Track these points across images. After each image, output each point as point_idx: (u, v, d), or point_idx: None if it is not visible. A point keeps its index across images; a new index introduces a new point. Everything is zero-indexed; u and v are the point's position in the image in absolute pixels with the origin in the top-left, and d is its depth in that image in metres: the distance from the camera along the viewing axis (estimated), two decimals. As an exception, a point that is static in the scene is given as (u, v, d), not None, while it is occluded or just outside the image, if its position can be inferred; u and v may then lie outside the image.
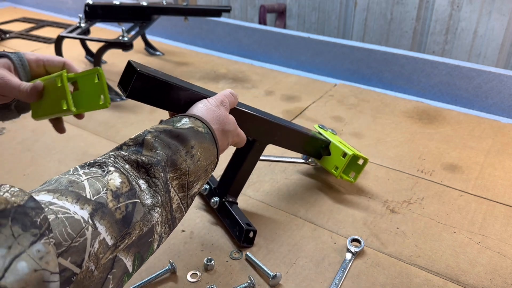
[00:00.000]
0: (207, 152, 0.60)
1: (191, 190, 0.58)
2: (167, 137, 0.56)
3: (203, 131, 0.60)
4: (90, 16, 1.49)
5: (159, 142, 0.55)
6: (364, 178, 0.97)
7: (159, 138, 0.55)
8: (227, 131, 0.66)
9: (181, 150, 0.56)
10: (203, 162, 0.59)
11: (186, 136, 0.57)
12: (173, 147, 0.55)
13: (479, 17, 2.00)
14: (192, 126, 0.59)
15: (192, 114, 0.62)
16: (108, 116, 1.25)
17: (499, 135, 1.15)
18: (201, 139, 0.59)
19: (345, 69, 1.54)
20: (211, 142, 0.61)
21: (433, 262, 0.75)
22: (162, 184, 0.52)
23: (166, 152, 0.54)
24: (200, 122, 0.61)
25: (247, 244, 0.78)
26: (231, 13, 2.66)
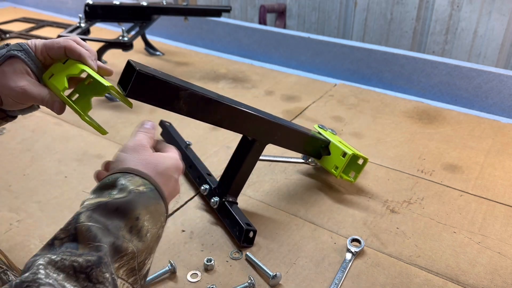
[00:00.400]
0: (155, 216, 0.50)
1: (143, 269, 0.49)
2: (103, 215, 0.46)
3: (145, 189, 0.50)
4: (90, 16, 1.49)
5: (96, 228, 0.45)
6: (364, 178, 0.97)
7: (94, 219, 0.45)
8: (167, 174, 0.56)
9: (122, 228, 0.46)
10: (153, 231, 0.49)
11: (127, 206, 0.48)
12: (113, 229, 0.45)
13: (479, 17, 2.00)
14: (132, 188, 0.49)
15: (126, 169, 0.52)
16: (108, 116, 1.25)
17: (499, 135, 1.15)
18: (146, 202, 0.49)
19: (345, 69, 1.54)
20: (157, 200, 0.51)
21: (433, 262, 0.75)
22: (110, 286, 0.43)
23: (107, 241, 0.44)
24: (139, 179, 0.51)
25: (247, 244, 0.78)
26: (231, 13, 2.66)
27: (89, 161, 1.03)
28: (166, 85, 0.65)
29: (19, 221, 0.84)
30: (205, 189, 0.87)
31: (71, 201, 0.89)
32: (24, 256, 0.74)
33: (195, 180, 0.93)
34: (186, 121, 1.17)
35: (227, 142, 1.11)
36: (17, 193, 0.91)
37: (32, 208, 0.87)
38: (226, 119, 0.75)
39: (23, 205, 0.88)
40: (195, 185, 0.93)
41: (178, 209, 0.88)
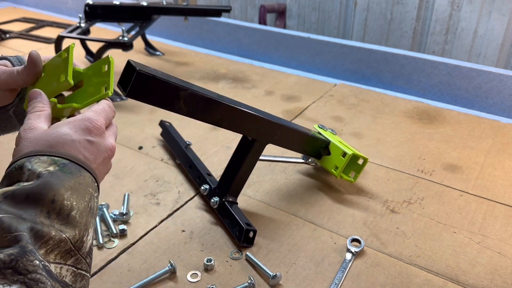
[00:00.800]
0: (78, 190, 0.46)
1: (83, 247, 0.45)
2: (12, 206, 0.42)
3: (57, 168, 0.45)
4: (90, 16, 1.49)
5: (8, 218, 0.40)
6: (364, 178, 0.97)
7: (3, 211, 0.41)
8: (102, 160, 0.52)
9: (39, 214, 0.42)
10: (80, 206, 0.45)
11: (38, 191, 0.43)
12: (28, 217, 0.41)
13: (479, 17, 2.00)
14: (41, 170, 0.44)
15: (31, 152, 0.47)
16: (108, 116, 1.25)
17: (499, 135, 1.15)
18: (61, 181, 0.44)
19: (345, 69, 1.54)
20: (76, 173, 0.46)
21: (433, 262, 0.75)
22: (44, 273, 0.40)
23: (24, 228, 0.40)
24: (47, 158, 0.46)
25: (247, 244, 0.78)
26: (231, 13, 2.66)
27: (89, 161, 1.03)
28: (166, 85, 0.65)
29: (19, 221, 0.84)
30: (205, 189, 0.87)
31: (71, 201, 0.89)
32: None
33: (195, 180, 0.93)
34: (186, 121, 1.17)
35: (227, 142, 1.11)
36: (17, 193, 0.91)
37: (32, 208, 0.87)
38: (226, 119, 0.75)
39: (23, 205, 0.88)
40: (195, 185, 0.93)
41: (178, 209, 0.88)
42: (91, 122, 0.52)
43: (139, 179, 0.97)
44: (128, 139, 1.12)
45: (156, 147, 1.09)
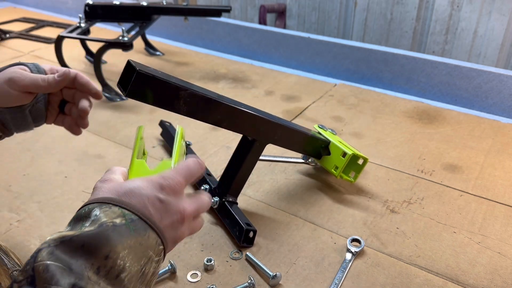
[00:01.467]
0: (136, 251, 0.43)
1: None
2: (66, 253, 0.40)
3: (123, 221, 0.44)
4: (90, 16, 1.49)
5: (55, 267, 0.39)
6: (364, 178, 0.97)
7: (54, 257, 0.40)
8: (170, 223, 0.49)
9: (89, 269, 0.40)
10: (134, 269, 0.43)
11: (95, 243, 0.41)
12: (76, 269, 0.40)
13: (479, 17, 2.00)
14: (105, 221, 0.43)
15: (104, 198, 0.46)
16: (108, 116, 1.25)
17: (499, 135, 1.15)
18: (121, 237, 0.43)
19: (345, 69, 1.54)
20: (141, 232, 0.44)
21: (433, 262, 0.75)
22: None
23: (66, 282, 0.39)
24: (117, 209, 0.44)
25: (247, 244, 0.78)
26: (231, 13, 2.66)
27: (89, 161, 1.03)
28: (166, 85, 0.65)
29: (19, 221, 0.84)
30: (205, 189, 0.87)
31: (71, 201, 0.89)
32: (24, 256, 0.74)
33: None
34: (186, 121, 1.17)
35: (227, 142, 1.11)
36: (17, 193, 0.91)
37: (32, 208, 0.87)
38: (226, 119, 0.75)
39: (23, 205, 0.88)
40: (195, 185, 0.93)
41: (178, 209, 0.87)
42: (166, 179, 0.49)
43: (139, 179, 0.97)
44: (128, 139, 1.12)
45: (156, 147, 1.09)
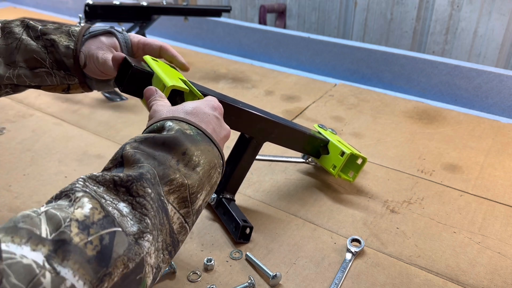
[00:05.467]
0: (207, 155, 0.51)
1: (195, 203, 0.49)
2: (149, 147, 0.48)
3: (191, 133, 0.52)
4: (90, 16, 1.49)
5: (141, 153, 0.46)
6: (364, 178, 0.97)
7: (140, 149, 0.47)
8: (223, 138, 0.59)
9: (170, 159, 0.47)
10: (205, 167, 0.50)
11: (174, 141, 0.49)
12: (159, 157, 0.47)
13: (479, 17, 2.00)
14: (179, 128, 0.51)
15: (174, 116, 0.54)
16: (108, 116, 1.25)
17: (499, 135, 1.15)
18: (194, 141, 0.51)
19: (345, 69, 1.54)
20: (207, 143, 0.52)
21: (433, 262, 0.75)
22: (152, 203, 0.43)
23: (151, 163, 0.46)
24: (186, 124, 0.52)
25: (243, 240, 0.78)
26: (231, 13, 2.66)
27: (89, 161, 1.03)
28: None
29: (19, 221, 0.84)
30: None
31: (71, 201, 0.89)
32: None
33: None
34: (186, 121, 1.17)
35: (227, 142, 1.11)
36: (17, 193, 0.91)
37: (32, 208, 0.87)
38: None
39: (23, 205, 0.88)
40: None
41: (178, 209, 0.88)
42: (216, 102, 0.61)
43: (139, 179, 0.97)
44: (128, 139, 1.12)
45: (156, 147, 1.09)
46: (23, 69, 0.67)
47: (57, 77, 0.69)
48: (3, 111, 1.26)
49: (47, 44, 0.67)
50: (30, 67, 0.67)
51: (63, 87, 0.71)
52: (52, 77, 0.69)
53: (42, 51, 0.67)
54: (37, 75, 0.68)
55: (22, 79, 0.68)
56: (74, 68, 0.68)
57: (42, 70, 0.68)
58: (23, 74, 0.68)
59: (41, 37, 0.67)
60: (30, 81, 0.69)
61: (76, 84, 0.70)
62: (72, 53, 0.67)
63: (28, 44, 0.67)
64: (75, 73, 0.69)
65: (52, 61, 0.67)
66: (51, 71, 0.68)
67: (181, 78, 0.66)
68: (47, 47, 0.67)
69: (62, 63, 0.67)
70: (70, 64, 0.67)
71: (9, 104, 1.30)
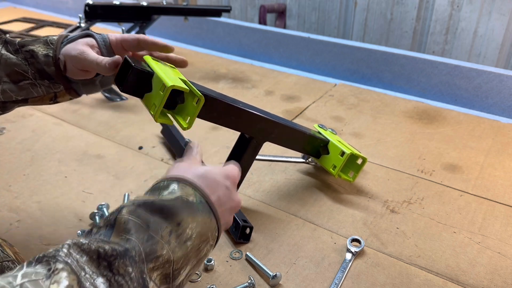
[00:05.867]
0: (202, 228, 0.50)
1: (176, 279, 0.48)
2: (147, 212, 0.47)
3: (194, 200, 0.51)
4: (90, 16, 1.49)
5: (134, 222, 0.45)
6: (364, 178, 0.97)
7: (136, 214, 0.46)
8: (229, 209, 0.57)
9: (163, 228, 0.46)
10: (195, 241, 0.49)
11: (172, 209, 0.48)
12: (153, 226, 0.46)
13: (479, 17, 2.00)
14: (181, 195, 0.50)
15: (183, 177, 0.53)
16: (108, 116, 1.25)
17: (499, 135, 1.15)
18: (192, 211, 0.50)
19: (345, 69, 1.54)
20: (206, 214, 0.51)
21: (433, 262, 0.75)
22: (130, 283, 0.42)
23: (140, 237, 0.44)
24: (191, 189, 0.52)
25: (243, 240, 0.78)
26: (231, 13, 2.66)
27: (89, 161, 1.03)
28: None
29: (19, 221, 0.84)
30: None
31: (71, 201, 0.89)
32: (24, 256, 0.74)
33: None
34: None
35: (227, 142, 1.11)
36: (17, 193, 0.91)
37: (32, 208, 0.87)
38: (221, 116, 0.74)
39: (23, 205, 0.88)
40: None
41: (178, 209, 0.87)
42: (231, 170, 0.60)
43: (139, 179, 0.97)
44: (128, 139, 1.12)
45: (156, 147, 1.09)
46: (7, 84, 0.67)
47: (42, 87, 0.68)
48: (3, 111, 1.26)
49: (27, 55, 0.67)
50: (14, 81, 0.67)
51: (50, 96, 0.70)
52: (37, 88, 0.68)
53: (23, 63, 0.67)
54: (22, 88, 0.68)
55: (8, 94, 0.68)
56: (56, 75, 0.67)
57: (26, 83, 0.68)
58: (8, 89, 0.67)
59: (20, 49, 0.67)
60: (16, 95, 0.68)
61: (62, 91, 0.70)
62: (52, 61, 0.66)
63: (8, 58, 0.66)
64: (58, 80, 0.68)
65: (34, 71, 0.67)
66: (35, 82, 0.68)
67: (181, 78, 0.66)
68: (27, 58, 0.67)
69: (44, 72, 0.67)
70: (52, 72, 0.67)
71: (9, 104, 1.30)
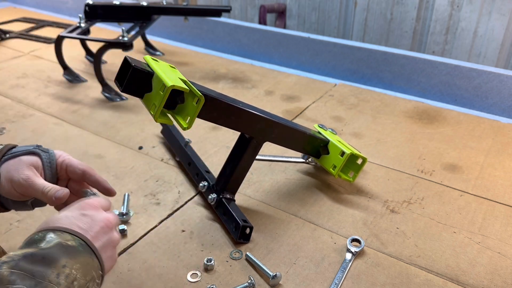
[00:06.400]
0: (84, 268, 0.50)
1: None
2: (28, 264, 0.46)
3: (74, 244, 0.51)
4: (90, 16, 1.49)
5: (18, 274, 0.45)
6: (364, 178, 0.97)
7: (18, 268, 0.45)
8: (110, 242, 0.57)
9: (49, 274, 0.47)
10: (81, 281, 0.49)
11: (53, 256, 0.48)
12: (38, 275, 0.46)
13: (479, 17, 2.00)
14: (60, 241, 0.50)
15: (56, 226, 0.53)
16: (108, 116, 1.25)
17: (499, 135, 1.15)
18: (74, 254, 0.50)
19: (345, 69, 1.54)
20: (88, 254, 0.52)
21: (433, 262, 0.75)
22: None
23: (27, 284, 0.45)
24: (68, 235, 0.52)
25: (243, 240, 0.78)
26: (231, 13, 2.66)
27: (89, 161, 1.03)
28: None
29: (19, 221, 0.84)
30: (204, 186, 0.87)
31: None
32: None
33: (193, 177, 0.93)
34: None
35: (227, 142, 1.11)
36: (17, 193, 0.91)
37: (32, 208, 0.87)
38: (222, 116, 0.74)
39: (23, 205, 0.88)
40: (195, 185, 0.93)
41: (178, 209, 0.88)
42: (84, 202, 0.59)
43: (139, 179, 0.97)
44: (128, 139, 1.12)
45: (156, 147, 1.09)
46: None
47: None
48: (3, 111, 1.26)
49: None
50: None
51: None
52: None
53: None
54: None
55: None
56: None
57: None
58: None
59: None
60: None
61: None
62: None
63: None
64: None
65: None
66: None
67: (181, 78, 0.66)
68: None
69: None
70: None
71: (9, 104, 1.30)
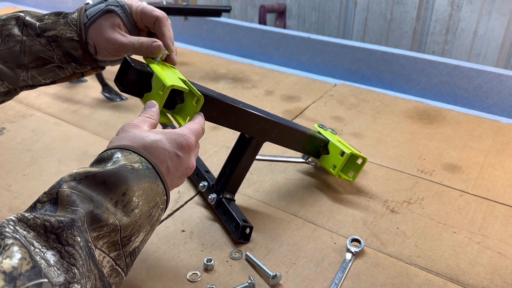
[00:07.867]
0: (148, 194, 0.50)
1: (128, 245, 0.48)
2: (89, 186, 0.47)
3: (140, 167, 0.50)
4: (90, 16, 1.49)
5: (77, 195, 0.45)
6: (364, 178, 0.97)
7: (77, 190, 0.46)
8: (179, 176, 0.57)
9: (107, 201, 0.46)
10: (144, 208, 0.49)
11: (116, 180, 0.47)
12: (96, 199, 0.46)
13: (479, 17, 2.00)
14: (125, 163, 0.49)
15: (126, 145, 0.52)
16: (108, 116, 1.25)
17: (499, 135, 1.15)
18: (138, 179, 0.49)
19: (345, 69, 1.54)
20: (153, 179, 0.51)
21: (433, 262, 0.75)
22: (80, 251, 0.42)
23: (86, 207, 0.45)
24: (137, 156, 0.51)
25: (243, 240, 0.78)
26: (231, 13, 2.66)
27: (89, 161, 1.03)
28: None
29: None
30: (203, 186, 0.87)
31: (71, 201, 0.89)
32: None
33: (193, 177, 0.93)
34: (186, 121, 1.17)
35: (227, 142, 1.11)
36: (17, 193, 0.91)
37: None
38: (222, 116, 0.74)
39: (23, 205, 0.88)
40: (195, 185, 0.93)
41: (178, 209, 0.88)
42: (185, 139, 0.57)
43: (139, 179, 0.97)
44: (128, 139, 1.12)
45: (156, 147, 1.09)
46: (35, 69, 0.68)
47: (68, 68, 0.70)
48: (3, 111, 1.26)
49: (50, 40, 0.67)
50: (41, 65, 0.69)
51: (77, 75, 0.72)
52: (64, 70, 0.70)
53: (47, 48, 0.67)
54: (49, 70, 0.69)
55: (37, 79, 0.69)
56: (84, 58, 0.69)
57: (53, 65, 0.69)
58: (36, 74, 0.69)
59: (41, 34, 0.67)
60: (44, 79, 0.70)
61: (88, 70, 0.72)
62: (78, 45, 0.67)
63: (32, 45, 0.67)
64: (86, 62, 0.70)
65: (60, 56, 0.68)
66: (61, 65, 0.69)
67: (181, 78, 0.66)
68: (50, 43, 0.67)
69: (70, 55, 0.68)
70: (79, 55, 0.68)
71: (9, 104, 1.30)
